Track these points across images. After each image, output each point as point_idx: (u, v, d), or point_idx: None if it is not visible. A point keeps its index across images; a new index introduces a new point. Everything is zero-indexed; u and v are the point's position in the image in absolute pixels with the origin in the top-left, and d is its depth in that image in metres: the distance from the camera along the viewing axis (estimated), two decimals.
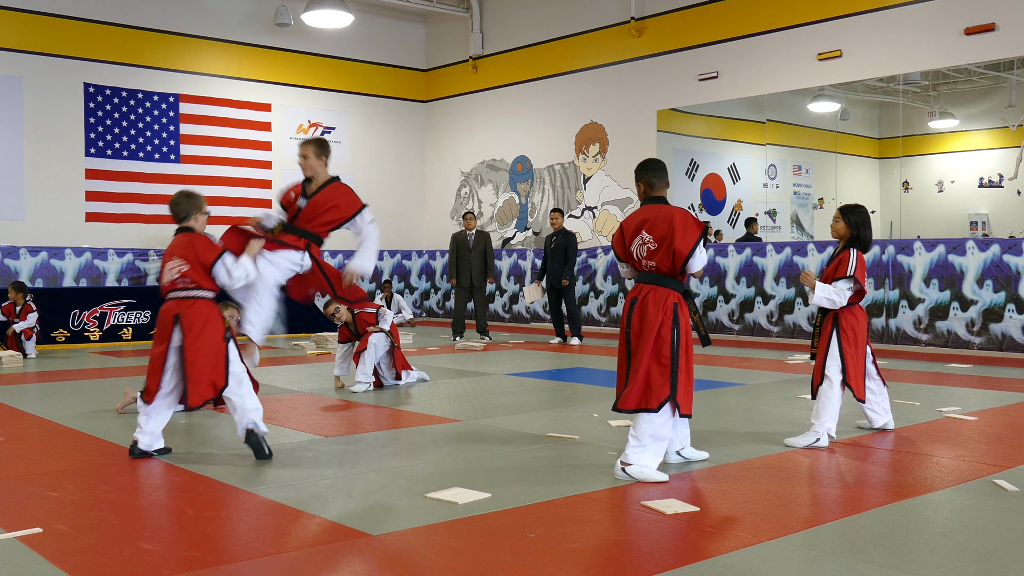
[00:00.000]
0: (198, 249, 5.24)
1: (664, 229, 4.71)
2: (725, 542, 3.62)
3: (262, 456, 5.16)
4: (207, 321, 5.19)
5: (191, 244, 5.25)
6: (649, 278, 4.81)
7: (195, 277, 5.21)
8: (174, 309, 5.21)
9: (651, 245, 4.74)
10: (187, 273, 5.20)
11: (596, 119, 15.56)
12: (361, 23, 17.36)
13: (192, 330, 5.13)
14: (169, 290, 5.26)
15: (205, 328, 5.17)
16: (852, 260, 5.57)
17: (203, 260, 5.23)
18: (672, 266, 4.72)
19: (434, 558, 3.44)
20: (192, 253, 5.23)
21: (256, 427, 5.22)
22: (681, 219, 4.71)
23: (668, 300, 4.71)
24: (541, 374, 9.37)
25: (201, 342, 5.14)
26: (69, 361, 10.78)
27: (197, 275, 5.21)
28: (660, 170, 4.93)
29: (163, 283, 5.28)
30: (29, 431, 6.24)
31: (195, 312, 5.18)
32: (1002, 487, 4.45)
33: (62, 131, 14.59)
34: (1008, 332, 10.77)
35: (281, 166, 16.83)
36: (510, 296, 16.93)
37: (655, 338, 4.67)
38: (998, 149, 12.88)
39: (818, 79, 12.80)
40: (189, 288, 5.22)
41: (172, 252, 5.28)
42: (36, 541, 3.65)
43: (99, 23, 14.91)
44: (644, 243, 4.77)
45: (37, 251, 14.26)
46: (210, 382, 5.15)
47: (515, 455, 5.33)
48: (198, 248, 5.24)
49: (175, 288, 5.24)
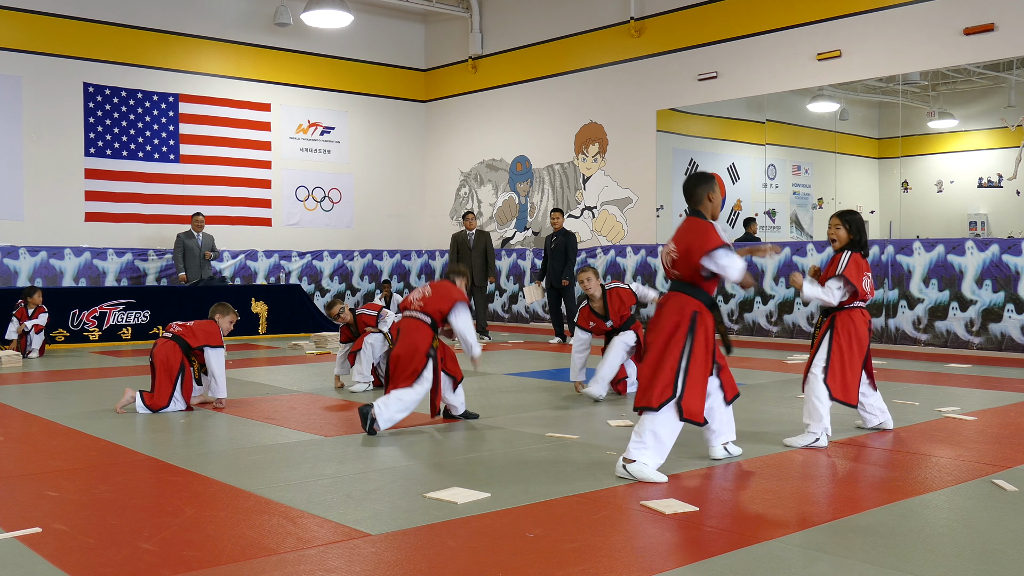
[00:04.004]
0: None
1: (685, 240, 4.78)
2: (724, 542, 3.62)
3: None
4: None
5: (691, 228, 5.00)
6: (674, 286, 4.88)
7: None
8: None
9: (674, 255, 4.83)
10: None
11: (595, 119, 15.56)
12: (361, 23, 17.36)
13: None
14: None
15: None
16: (843, 261, 5.59)
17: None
18: (693, 274, 4.76)
19: (433, 558, 3.44)
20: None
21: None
22: (702, 230, 4.76)
23: (687, 307, 4.74)
24: (541, 374, 9.37)
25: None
26: (68, 361, 10.78)
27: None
28: (691, 184, 4.98)
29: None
30: (28, 431, 6.24)
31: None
32: (1001, 487, 4.45)
33: (62, 131, 14.59)
34: (1007, 332, 10.77)
35: (280, 166, 16.83)
36: (509, 296, 16.93)
37: (667, 341, 4.71)
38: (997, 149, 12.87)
39: (817, 79, 12.81)
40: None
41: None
42: (35, 541, 3.65)
43: (98, 23, 14.91)
44: (668, 252, 4.88)
45: (37, 251, 14.26)
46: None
47: (514, 455, 5.33)
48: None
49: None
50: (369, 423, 5.84)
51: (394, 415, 5.87)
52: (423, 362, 5.98)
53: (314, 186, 17.19)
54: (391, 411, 5.86)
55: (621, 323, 7.53)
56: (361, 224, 17.80)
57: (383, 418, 5.83)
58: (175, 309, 12.61)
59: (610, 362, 7.41)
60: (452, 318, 6.13)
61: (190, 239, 14.39)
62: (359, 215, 17.75)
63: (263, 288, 14.56)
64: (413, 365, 5.97)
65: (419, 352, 5.99)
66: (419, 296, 6.23)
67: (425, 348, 6.00)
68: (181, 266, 14.29)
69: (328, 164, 17.41)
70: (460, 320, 6.11)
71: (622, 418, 6.51)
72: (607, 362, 7.41)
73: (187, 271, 14.28)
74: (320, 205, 17.29)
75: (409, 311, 6.21)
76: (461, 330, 6.14)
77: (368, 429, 5.85)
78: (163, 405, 6.83)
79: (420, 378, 5.97)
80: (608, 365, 7.40)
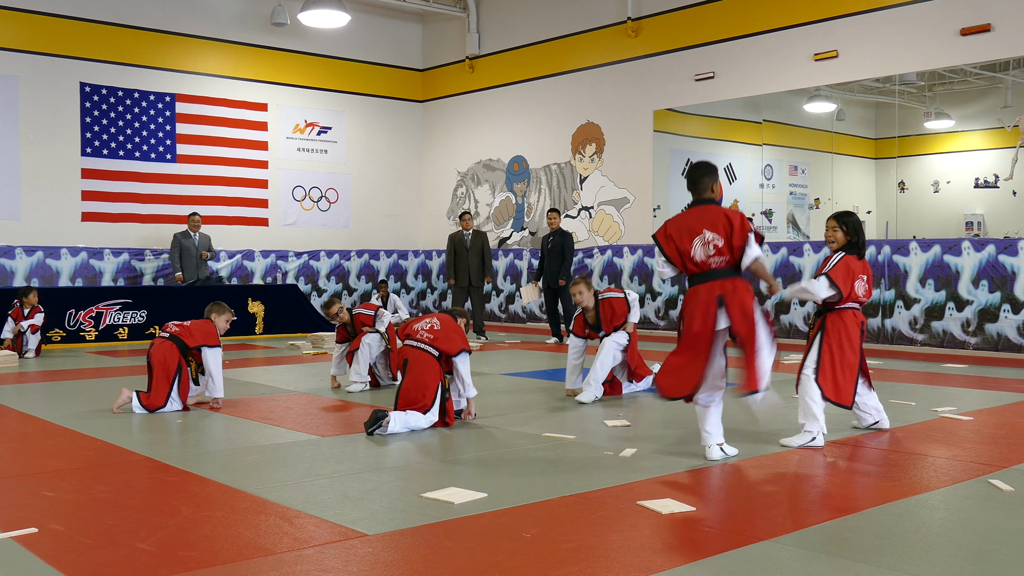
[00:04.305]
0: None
1: (723, 223, 5.04)
2: (721, 542, 3.63)
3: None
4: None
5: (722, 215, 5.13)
6: (714, 274, 5.07)
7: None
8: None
9: (717, 242, 5.00)
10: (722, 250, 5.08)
11: (592, 119, 15.56)
12: (358, 23, 17.35)
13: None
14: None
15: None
16: (833, 261, 5.64)
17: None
18: (733, 259, 5.06)
19: (430, 558, 3.44)
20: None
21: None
22: (739, 214, 5.12)
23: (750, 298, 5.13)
24: (537, 374, 9.37)
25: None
26: (65, 361, 10.77)
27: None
28: (698, 173, 5.23)
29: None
30: (25, 431, 6.23)
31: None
32: (997, 487, 4.46)
33: (58, 130, 14.57)
34: (1004, 332, 10.79)
35: (277, 166, 16.82)
36: (506, 296, 16.93)
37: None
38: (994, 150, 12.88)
39: (814, 79, 12.82)
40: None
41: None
42: (32, 541, 3.65)
43: (95, 22, 14.90)
44: (705, 243, 5.04)
45: (33, 251, 14.24)
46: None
47: (511, 455, 5.33)
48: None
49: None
50: (375, 427, 5.85)
51: (399, 430, 5.93)
52: (432, 398, 6.09)
53: (311, 186, 17.18)
54: (399, 426, 5.92)
55: (613, 330, 7.58)
56: (358, 224, 17.80)
57: (390, 429, 5.89)
58: (172, 309, 12.59)
59: (602, 362, 7.42)
60: (457, 361, 6.24)
61: (187, 239, 14.38)
62: (356, 215, 17.75)
63: (260, 288, 14.55)
64: (423, 402, 6.07)
65: (429, 389, 6.09)
66: (427, 327, 6.27)
67: (434, 385, 6.11)
68: (178, 266, 14.27)
69: (325, 164, 17.40)
70: (463, 366, 6.26)
71: (619, 418, 6.52)
72: (599, 364, 7.42)
73: (184, 271, 14.27)
74: (317, 205, 17.28)
75: (416, 341, 6.24)
76: (463, 375, 6.27)
77: (370, 431, 5.86)
78: (160, 405, 6.82)
79: (429, 412, 6.08)
80: (600, 366, 7.42)
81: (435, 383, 6.11)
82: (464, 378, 6.26)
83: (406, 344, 6.29)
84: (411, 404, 6.08)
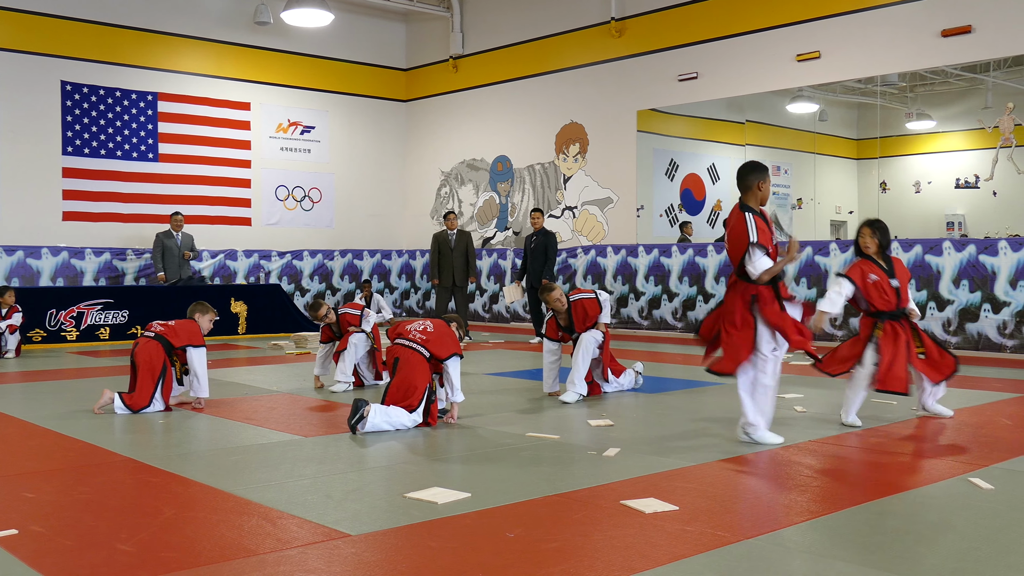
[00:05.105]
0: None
1: (734, 233, 5.46)
2: (704, 541, 3.64)
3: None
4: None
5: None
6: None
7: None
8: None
9: (727, 246, 5.58)
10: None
11: (576, 119, 15.58)
12: (341, 22, 17.30)
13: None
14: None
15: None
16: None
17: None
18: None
19: (414, 558, 3.43)
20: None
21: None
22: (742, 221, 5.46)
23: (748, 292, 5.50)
24: (521, 374, 9.38)
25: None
26: (45, 361, 10.69)
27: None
28: (744, 172, 5.56)
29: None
30: (5, 432, 6.18)
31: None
32: (977, 485, 4.49)
33: (39, 129, 14.47)
34: (984, 332, 10.87)
35: (260, 165, 16.76)
36: (490, 296, 16.93)
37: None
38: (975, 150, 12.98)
39: (797, 80, 12.88)
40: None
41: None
42: (12, 543, 3.62)
43: (76, 20, 14.80)
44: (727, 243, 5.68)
45: (13, 250, 14.14)
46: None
47: (495, 455, 5.33)
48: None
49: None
50: (357, 418, 5.84)
51: (382, 424, 5.92)
52: (419, 399, 6.09)
53: (294, 185, 17.13)
54: (381, 419, 5.90)
55: (585, 330, 7.58)
56: (341, 224, 17.76)
57: (372, 422, 5.87)
58: (154, 309, 12.51)
59: (583, 357, 7.44)
60: (448, 364, 6.24)
61: (169, 239, 14.30)
62: (339, 215, 17.71)
63: (243, 288, 14.49)
64: (409, 400, 6.07)
65: (418, 390, 6.09)
66: (420, 328, 6.29)
67: (423, 387, 6.11)
68: (160, 266, 14.20)
69: (308, 163, 17.35)
70: (454, 370, 6.26)
71: (602, 418, 6.53)
72: (580, 359, 7.43)
73: (166, 271, 14.19)
74: (300, 205, 17.23)
75: (407, 340, 6.23)
76: (453, 379, 6.27)
77: (352, 424, 5.85)
78: (144, 405, 6.78)
79: (414, 412, 6.07)
80: (581, 362, 7.43)
81: (423, 384, 6.10)
82: (453, 382, 6.26)
83: (397, 343, 6.28)
84: (398, 403, 6.08)
